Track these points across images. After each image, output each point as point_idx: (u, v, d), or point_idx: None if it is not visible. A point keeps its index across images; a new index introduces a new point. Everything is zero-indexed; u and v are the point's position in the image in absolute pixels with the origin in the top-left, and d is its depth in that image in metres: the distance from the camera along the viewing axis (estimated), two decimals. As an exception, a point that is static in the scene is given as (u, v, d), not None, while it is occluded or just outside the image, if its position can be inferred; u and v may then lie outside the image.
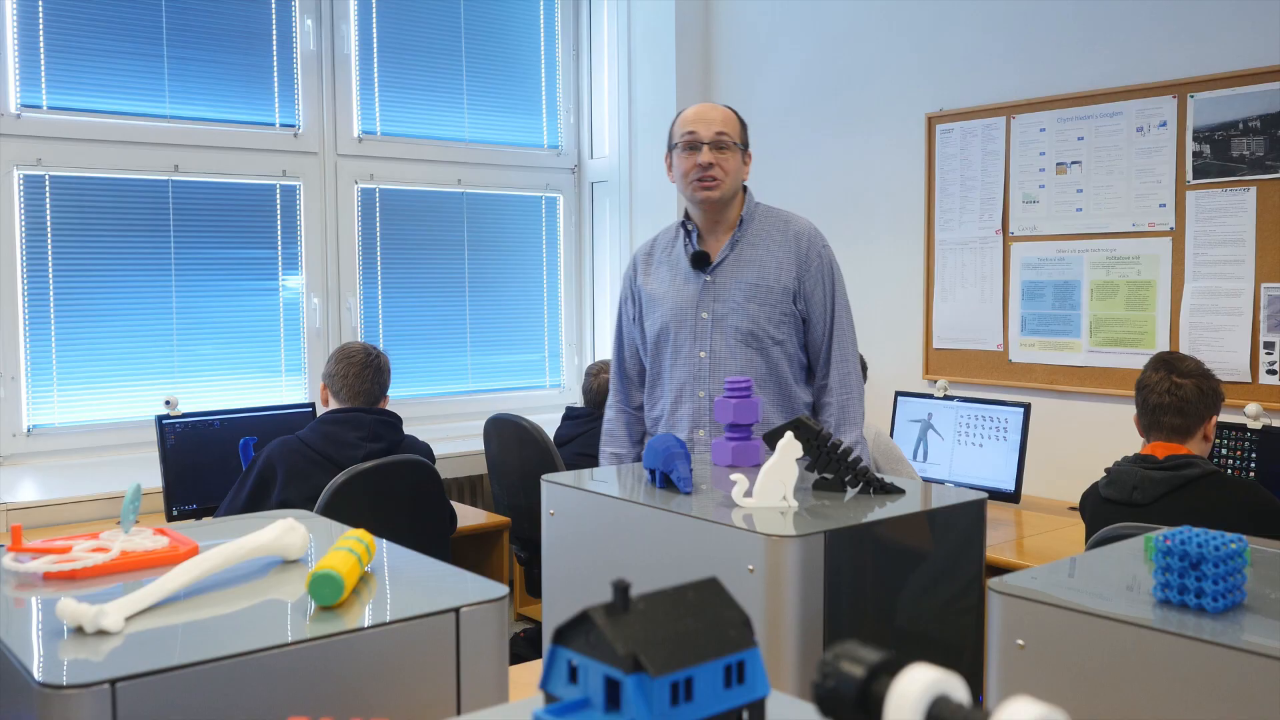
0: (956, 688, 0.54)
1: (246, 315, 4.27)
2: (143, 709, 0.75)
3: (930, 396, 3.66)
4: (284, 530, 1.03)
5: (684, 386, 2.46)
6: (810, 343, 2.48)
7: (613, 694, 0.58)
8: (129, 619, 0.85)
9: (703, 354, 2.46)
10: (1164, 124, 3.35)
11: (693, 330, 2.47)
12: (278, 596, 0.95)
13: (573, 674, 0.61)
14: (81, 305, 3.90)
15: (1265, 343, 3.14)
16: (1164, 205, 3.35)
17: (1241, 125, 3.18)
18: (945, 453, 3.52)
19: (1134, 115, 3.42)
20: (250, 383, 4.24)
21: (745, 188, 2.55)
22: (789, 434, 1.31)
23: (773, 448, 1.33)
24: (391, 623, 0.86)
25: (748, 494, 1.31)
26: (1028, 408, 3.37)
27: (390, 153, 4.59)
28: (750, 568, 1.19)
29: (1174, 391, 2.37)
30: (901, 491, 1.44)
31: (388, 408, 2.97)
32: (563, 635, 0.61)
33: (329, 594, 0.89)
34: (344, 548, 0.95)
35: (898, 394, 3.76)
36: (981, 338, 3.82)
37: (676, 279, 2.53)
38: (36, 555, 1.02)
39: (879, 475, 1.43)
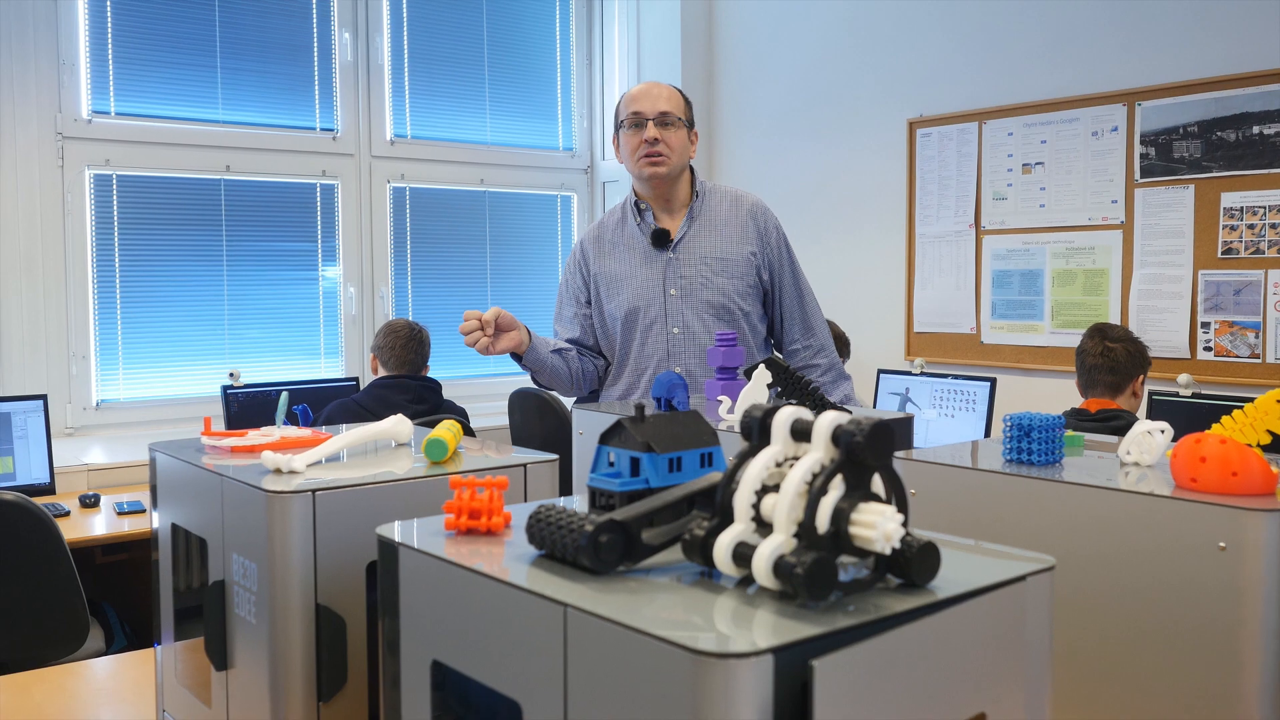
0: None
1: (289, 302, 4.69)
2: (331, 509, 1.16)
3: (908, 373, 4.06)
4: (396, 422, 1.45)
5: (660, 364, 2.49)
6: (783, 311, 2.56)
7: (635, 468, 1.00)
8: (308, 465, 1.26)
9: (675, 330, 2.50)
10: (1115, 129, 3.75)
11: (663, 307, 2.52)
12: (400, 456, 1.37)
13: (609, 464, 1.03)
14: (144, 292, 4.32)
15: (1202, 322, 3.54)
16: (1115, 201, 3.76)
17: (1182, 130, 3.59)
18: (921, 423, 3.93)
19: (1090, 121, 3.82)
20: (293, 363, 4.66)
21: (691, 166, 2.62)
22: (761, 366, 1.72)
23: (749, 379, 1.75)
24: (483, 470, 1.28)
25: (729, 411, 1.74)
26: (993, 382, 3.78)
27: (419, 154, 5.00)
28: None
29: (1107, 354, 2.77)
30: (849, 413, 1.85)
31: (428, 375, 3.40)
32: (605, 438, 1.03)
33: (438, 453, 1.31)
34: (442, 429, 1.37)
35: (880, 371, 4.17)
36: (956, 322, 4.23)
37: (636, 259, 2.55)
38: (219, 440, 1.43)
39: (845, 408, 1.84)
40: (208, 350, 4.45)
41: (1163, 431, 1.26)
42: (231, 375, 3.65)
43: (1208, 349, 3.52)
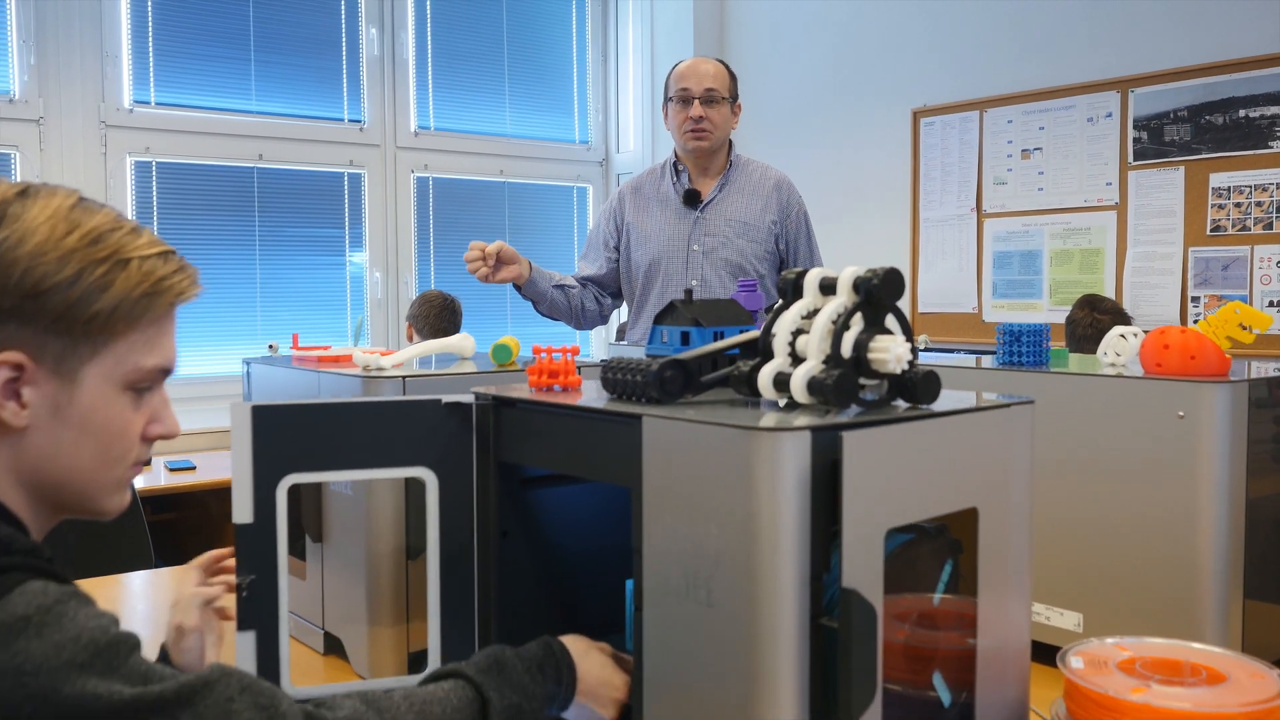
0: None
1: (318, 286, 4.89)
2: (418, 392, 1.36)
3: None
4: (461, 338, 1.64)
5: None
6: None
7: (684, 339, 1.19)
8: (394, 365, 1.46)
9: (694, 283, 2.69)
10: (1110, 115, 3.94)
11: (684, 261, 2.73)
12: (466, 366, 1.56)
13: (663, 340, 1.22)
14: (182, 274, 4.50)
15: (1192, 296, 3.73)
16: (1110, 184, 3.95)
17: (1172, 115, 3.78)
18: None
19: (1085, 108, 4.02)
20: (321, 344, 4.84)
21: (729, 139, 2.84)
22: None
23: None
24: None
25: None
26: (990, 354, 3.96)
27: (442, 146, 5.20)
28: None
29: (1095, 324, 2.96)
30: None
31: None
32: (659, 319, 1.22)
33: (504, 356, 1.50)
34: (505, 338, 1.56)
35: (886, 349, 4.35)
36: (959, 301, 4.42)
37: (668, 215, 2.77)
38: (306, 353, 1.63)
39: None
40: (240, 331, 4.64)
41: (1135, 335, 1.45)
42: (271, 348, 3.85)
43: (1197, 321, 3.70)
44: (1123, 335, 1.45)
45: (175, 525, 3.57)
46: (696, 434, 0.90)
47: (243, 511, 1.08)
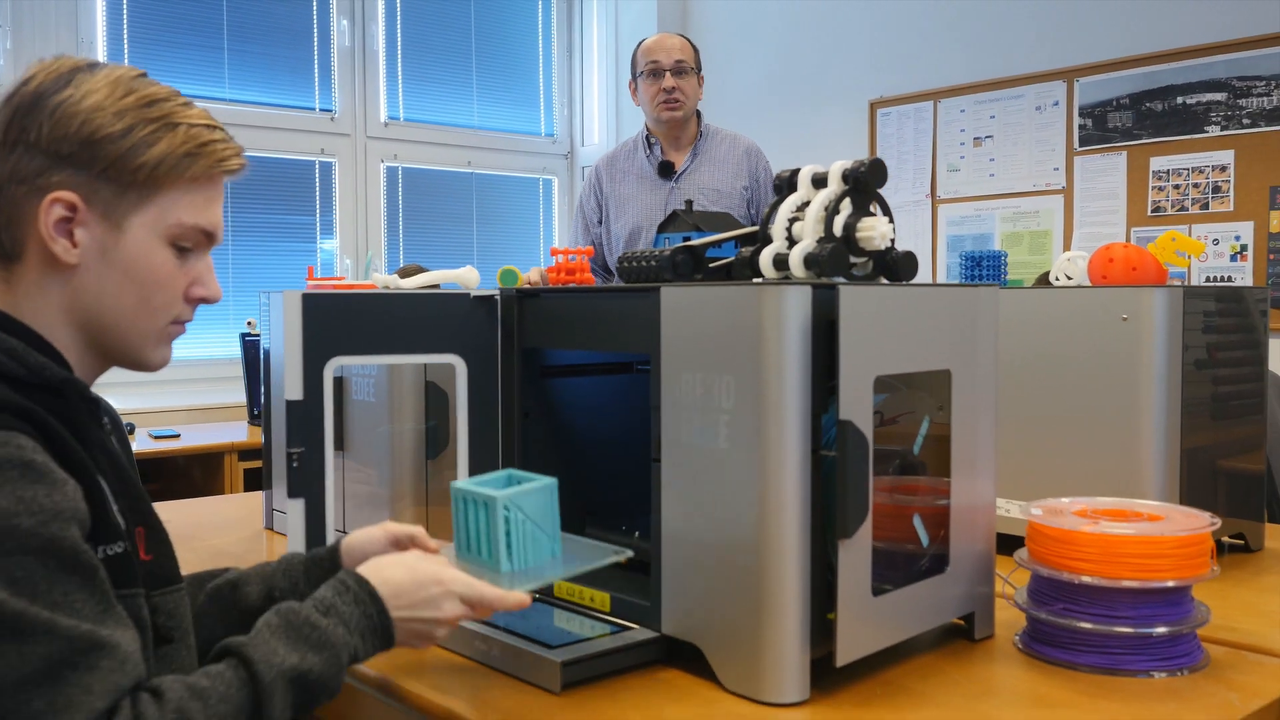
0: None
1: (289, 272, 4.96)
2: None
3: (872, 329, 4.42)
4: (467, 270, 1.77)
5: None
6: None
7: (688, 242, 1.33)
8: (409, 287, 1.58)
9: None
10: (1056, 103, 4.15)
11: None
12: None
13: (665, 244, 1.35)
14: (156, 257, 4.57)
15: (1135, 275, 3.93)
16: (1057, 169, 4.15)
17: (1115, 103, 3.99)
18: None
19: (1033, 97, 4.22)
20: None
21: (698, 109, 2.99)
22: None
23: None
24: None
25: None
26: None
27: (411, 136, 5.30)
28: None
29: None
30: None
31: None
32: (662, 227, 1.36)
33: (510, 280, 1.63)
34: (509, 267, 1.69)
35: (845, 329, 4.52)
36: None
37: (644, 185, 2.90)
38: (322, 283, 1.74)
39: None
40: (214, 314, 4.71)
41: (1083, 257, 1.60)
42: (249, 324, 3.94)
43: (1140, 298, 3.91)
44: (1070, 259, 1.61)
45: (159, 496, 3.63)
46: (710, 297, 1.03)
47: (294, 390, 1.19)
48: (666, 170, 2.92)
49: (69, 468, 0.86)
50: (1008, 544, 1.33)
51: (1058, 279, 1.63)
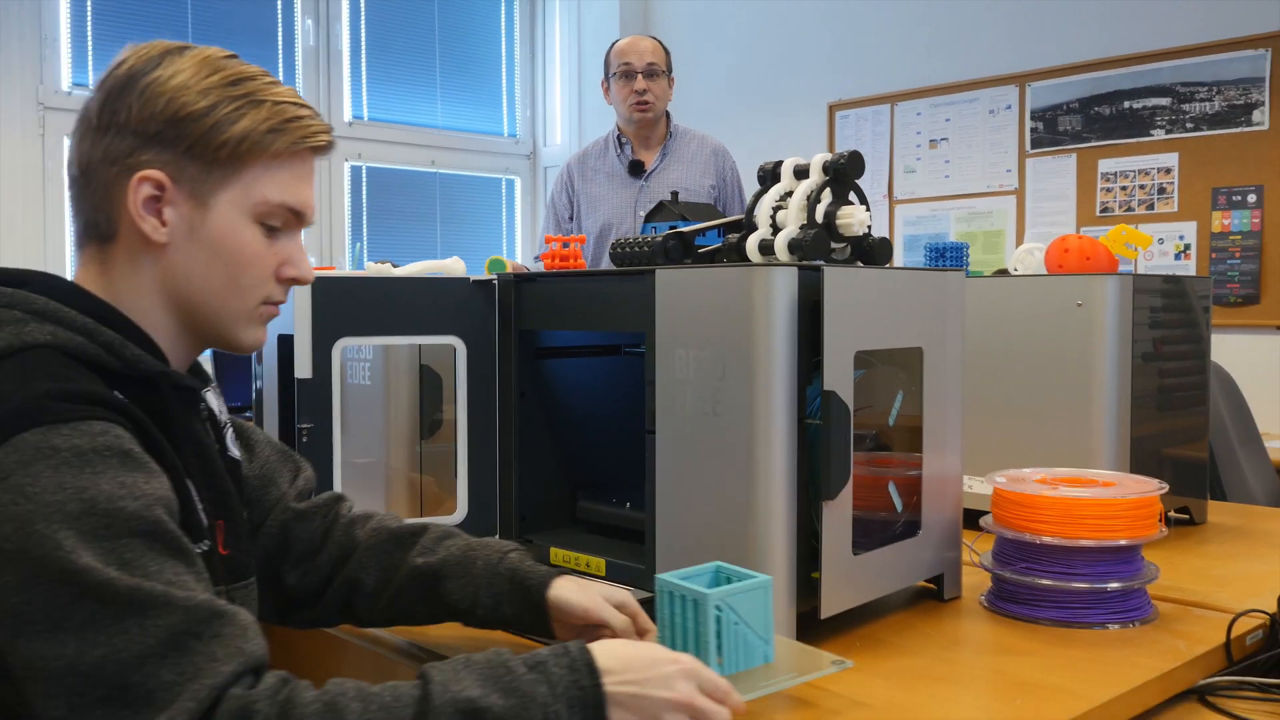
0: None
1: (254, 270, 4.98)
2: (432, 292, 1.55)
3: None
4: (454, 261, 1.84)
5: None
6: None
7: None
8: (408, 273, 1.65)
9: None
10: (1009, 107, 4.28)
11: (633, 226, 2.96)
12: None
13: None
14: (120, 255, 4.57)
15: (1084, 273, 4.08)
16: (1010, 170, 4.29)
17: (1065, 107, 4.13)
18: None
19: (987, 101, 4.35)
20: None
21: (667, 111, 3.09)
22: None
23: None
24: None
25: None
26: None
27: (375, 136, 5.34)
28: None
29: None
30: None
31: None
32: (649, 217, 1.43)
33: (499, 268, 1.70)
34: (497, 256, 1.76)
35: (806, 326, 4.63)
36: (873, 283, 4.71)
37: (615, 183, 2.99)
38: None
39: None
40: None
41: (1040, 249, 1.71)
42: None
43: (1089, 296, 4.05)
44: (1029, 251, 1.71)
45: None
46: (702, 278, 1.11)
47: (304, 368, 1.26)
48: (637, 169, 3.02)
49: (159, 466, 0.87)
50: (971, 518, 1.43)
51: (1016, 269, 1.73)
